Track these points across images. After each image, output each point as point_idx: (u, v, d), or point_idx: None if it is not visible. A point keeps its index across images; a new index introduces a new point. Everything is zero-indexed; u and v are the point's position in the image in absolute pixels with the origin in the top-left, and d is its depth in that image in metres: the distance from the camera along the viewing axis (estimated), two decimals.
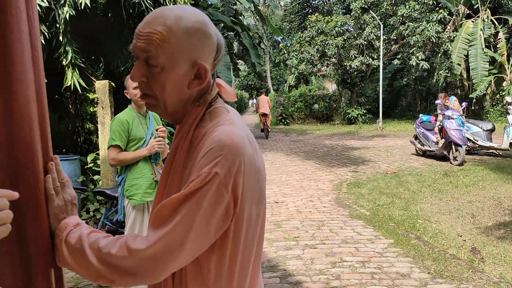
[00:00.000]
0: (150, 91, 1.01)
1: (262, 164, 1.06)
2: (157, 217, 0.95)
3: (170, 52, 0.96)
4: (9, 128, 0.92)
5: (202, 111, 1.06)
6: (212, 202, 0.92)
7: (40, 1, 4.80)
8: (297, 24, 29.44)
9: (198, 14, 1.01)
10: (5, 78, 0.91)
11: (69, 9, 5.02)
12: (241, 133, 0.99)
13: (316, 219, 5.71)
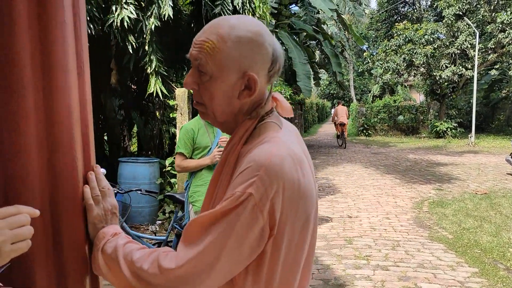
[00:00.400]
0: (200, 99, 1.01)
1: (311, 187, 0.97)
2: (188, 234, 0.92)
3: (219, 60, 0.95)
4: (50, 136, 0.93)
5: (253, 125, 1.01)
6: (245, 224, 0.88)
7: (129, 13, 5.13)
8: (383, 32, 28.47)
9: (253, 24, 0.98)
10: (48, 87, 0.93)
11: (154, 20, 5.30)
12: (283, 153, 0.92)
13: (391, 239, 5.37)
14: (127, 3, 5.16)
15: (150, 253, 0.94)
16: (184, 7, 6.77)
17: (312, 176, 1.01)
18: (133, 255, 0.94)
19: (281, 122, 1.05)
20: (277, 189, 0.88)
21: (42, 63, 0.92)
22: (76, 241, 0.99)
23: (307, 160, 1.02)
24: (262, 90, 1.01)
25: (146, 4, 5.41)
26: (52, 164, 0.93)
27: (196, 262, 0.88)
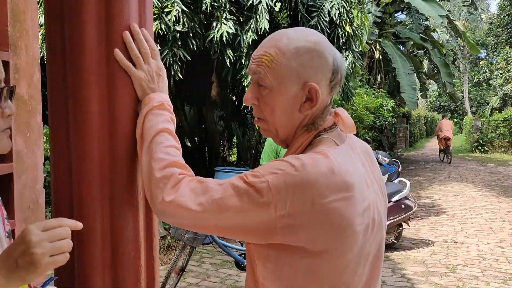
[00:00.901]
0: (261, 114, 0.98)
1: (350, 216, 0.87)
2: (207, 184, 0.90)
3: (278, 72, 0.92)
4: (111, 143, 0.97)
5: (309, 139, 0.97)
6: (252, 204, 0.85)
7: (228, 28, 5.34)
8: (504, 39, 25.74)
9: (311, 34, 0.96)
10: (111, 103, 0.97)
11: (252, 34, 5.44)
12: (324, 168, 0.86)
13: (504, 271, 4.74)
14: (227, 18, 5.38)
15: (167, 166, 0.92)
16: (283, 19, 6.87)
17: (367, 209, 0.92)
18: (158, 152, 0.93)
19: (342, 140, 0.98)
20: (286, 200, 0.84)
21: (107, 85, 0.97)
22: (131, 242, 1.00)
23: (366, 183, 0.94)
24: (324, 103, 0.96)
25: (245, 19, 5.59)
26: (113, 171, 0.97)
27: (200, 207, 0.87)
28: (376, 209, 0.96)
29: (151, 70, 1.01)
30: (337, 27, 5.71)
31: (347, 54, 5.89)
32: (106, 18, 0.94)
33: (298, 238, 0.86)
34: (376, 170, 1.03)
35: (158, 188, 0.90)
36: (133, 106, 0.99)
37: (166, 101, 1.02)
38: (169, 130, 0.98)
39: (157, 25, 5.08)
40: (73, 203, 0.95)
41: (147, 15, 1.03)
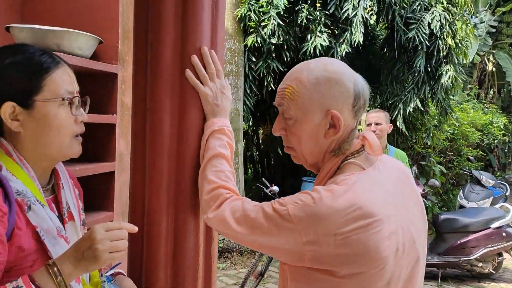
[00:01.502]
0: (290, 143, 1.04)
1: (372, 243, 0.88)
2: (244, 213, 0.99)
3: (301, 103, 0.98)
4: (179, 147, 1.12)
5: (336, 164, 1.01)
6: (276, 224, 0.92)
7: (322, 41, 5.41)
8: None
9: (330, 63, 1.01)
10: (181, 117, 1.13)
11: (346, 47, 5.44)
12: (341, 201, 0.89)
13: None
14: (321, 31, 5.45)
15: (216, 188, 1.05)
16: (380, 31, 6.73)
17: (396, 233, 0.92)
18: (209, 174, 1.07)
19: (370, 163, 1.01)
20: (307, 228, 0.89)
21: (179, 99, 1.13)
22: (191, 243, 1.13)
23: (396, 208, 0.95)
24: (349, 127, 1.00)
25: (339, 31, 5.60)
26: (178, 177, 1.12)
27: (240, 232, 0.97)
28: (408, 231, 0.96)
29: (216, 88, 1.14)
30: (438, 39, 5.43)
31: (447, 68, 5.57)
32: (181, 43, 1.09)
33: (325, 263, 0.90)
34: (412, 191, 1.03)
35: (207, 206, 1.04)
36: (199, 119, 1.13)
37: (226, 126, 1.14)
38: (224, 155, 1.10)
39: (253, 38, 5.35)
40: (145, 209, 1.11)
41: (218, 38, 1.16)
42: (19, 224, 0.87)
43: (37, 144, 0.93)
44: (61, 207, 1.01)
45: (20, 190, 0.89)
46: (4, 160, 0.91)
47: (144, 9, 1.10)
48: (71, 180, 1.10)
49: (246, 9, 5.32)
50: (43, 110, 0.92)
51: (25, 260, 0.86)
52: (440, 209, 7.74)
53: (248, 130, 9.37)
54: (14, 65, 0.92)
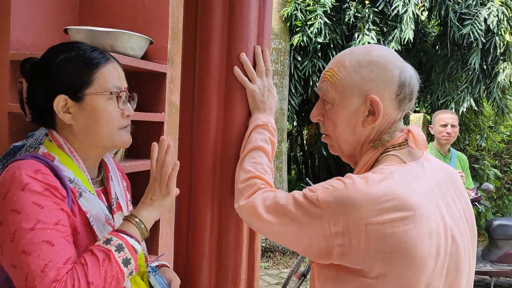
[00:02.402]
0: (326, 130, 1.00)
1: (410, 238, 0.80)
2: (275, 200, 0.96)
3: (340, 86, 0.94)
4: (224, 138, 1.15)
5: (375, 155, 0.94)
6: (304, 210, 0.87)
7: (370, 39, 5.30)
8: None
9: (376, 49, 0.96)
10: (227, 112, 1.15)
11: (395, 44, 5.29)
12: (376, 188, 0.82)
13: None
14: (370, 29, 5.34)
15: (251, 177, 1.04)
16: (432, 28, 6.49)
17: (436, 233, 0.84)
18: (246, 164, 1.07)
19: (413, 158, 0.93)
20: (337, 215, 0.83)
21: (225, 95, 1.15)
22: (233, 237, 1.15)
23: (437, 205, 0.87)
24: (391, 118, 0.94)
25: (388, 29, 5.46)
26: (222, 172, 1.15)
27: (269, 221, 0.94)
28: (451, 235, 0.87)
29: (263, 85, 1.15)
30: (495, 35, 5.16)
31: (505, 66, 5.28)
32: (228, 42, 1.11)
33: (355, 260, 0.82)
34: (460, 195, 0.95)
35: (240, 194, 1.03)
36: (244, 115, 1.14)
37: (270, 123, 1.14)
38: (264, 149, 1.09)
39: (299, 37, 5.33)
40: (190, 203, 1.14)
41: (265, 37, 1.18)
42: (74, 208, 0.93)
43: (87, 135, 0.99)
44: (110, 198, 1.06)
45: (72, 178, 0.95)
46: (56, 152, 0.97)
47: (193, 10, 1.13)
48: (119, 173, 1.15)
49: (292, 8, 5.31)
50: (92, 103, 0.97)
51: (79, 243, 0.92)
52: (494, 215, 7.35)
53: (292, 130, 9.33)
54: (67, 61, 0.97)
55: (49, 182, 0.89)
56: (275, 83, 5.33)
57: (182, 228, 1.13)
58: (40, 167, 0.90)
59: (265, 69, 1.17)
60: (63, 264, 0.83)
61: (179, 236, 1.15)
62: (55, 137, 0.99)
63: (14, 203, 0.85)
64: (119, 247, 0.88)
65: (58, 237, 0.85)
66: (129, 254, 0.89)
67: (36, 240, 0.83)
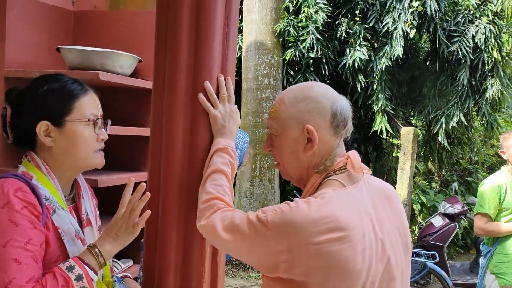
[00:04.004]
0: (276, 158, 1.15)
1: (346, 255, 0.92)
2: (235, 220, 1.05)
3: (280, 119, 1.09)
4: (189, 174, 1.23)
5: (319, 180, 1.07)
6: (255, 229, 0.99)
7: (361, 54, 5.43)
8: None
9: (312, 85, 1.11)
10: (192, 135, 1.23)
11: (386, 60, 5.41)
12: (316, 211, 0.94)
13: None
14: (361, 45, 5.47)
15: (213, 198, 1.12)
16: (424, 44, 6.63)
17: (368, 249, 0.96)
18: (208, 186, 1.14)
19: (353, 182, 1.05)
20: (282, 235, 0.94)
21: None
22: (197, 249, 1.21)
23: (371, 226, 0.99)
24: (329, 144, 1.07)
25: (379, 45, 5.60)
26: (187, 176, 1.23)
27: (225, 238, 1.03)
28: (383, 250, 0.99)
29: (225, 111, 1.24)
30: (483, 52, 5.29)
31: (493, 82, 5.40)
32: (193, 71, 1.21)
33: (298, 274, 0.93)
34: (396, 213, 1.09)
35: (202, 214, 1.11)
36: (208, 138, 1.23)
37: (231, 146, 1.22)
38: (225, 171, 1.17)
39: (292, 52, 5.46)
40: (158, 214, 1.22)
41: (229, 65, 1.28)
42: (48, 223, 1.04)
43: (66, 156, 1.12)
44: (81, 214, 1.18)
45: (48, 196, 1.06)
46: (34, 171, 1.09)
47: (163, 40, 1.24)
48: (90, 192, 1.27)
49: (285, 24, 5.45)
50: (72, 128, 1.11)
51: (51, 255, 1.03)
52: None
53: None
54: (50, 91, 1.11)
55: (28, 200, 1.00)
56: (267, 96, 5.45)
57: (151, 242, 1.22)
58: (21, 186, 1.01)
59: (228, 96, 1.26)
60: (25, 282, 0.93)
61: (148, 248, 1.24)
62: (33, 158, 1.11)
63: None
64: (79, 277, 0.99)
65: (26, 256, 0.95)
66: (86, 283, 1.00)
67: (6, 256, 0.93)
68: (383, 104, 5.59)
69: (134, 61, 2.04)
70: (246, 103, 5.56)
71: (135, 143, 2.10)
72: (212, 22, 1.21)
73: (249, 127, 5.45)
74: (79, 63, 1.90)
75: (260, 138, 5.43)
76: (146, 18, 2.14)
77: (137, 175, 1.96)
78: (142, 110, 2.14)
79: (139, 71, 2.17)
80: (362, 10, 5.62)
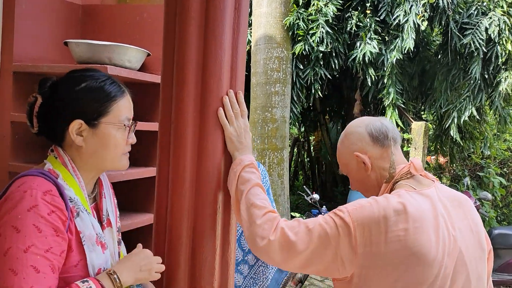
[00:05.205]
0: (354, 188, 1.35)
1: (421, 242, 1.07)
2: (303, 225, 1.14)
3: (342, 161, 1.33)
4: (199, 148, 1.22)
5: (388, 187, 1.22)
6: (336, 225, 1.10)
7: (372, 48, 5.34)
8: None
9: (350, 125, 1.32)
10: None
11: (396, 54, 5.33)
12: (394, 203, 1.09)
13: None
14: (371, 38, 5.39)
15: (266, 213, 1.15)
16: (436, 37, 6.52)
17: (441, 242, 1.09)
18: (255, 201, 1.17)
19: (422, 186, 1.20)
20: (363, 228, 1.08)
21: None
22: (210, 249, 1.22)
23: (443, 222, 1.12)
24: (382, 156, 1.24)
25: (390, 38, 5.51)
26: (199, 168, 1.22)
27: (301, 244, 1.10)
28: (452, 246, 1.11)
29: (240, 127, 1.24)
30: (496, 45, 5.17)
31: (506, 75, 5.28)
32: (203, 64, 1.19)
33: (375, 266, 1.06)
34: (467, 215, 1.20)
35: (262, 230, 1.12)
36: (217, 132, 1.21)
37: (254, 161, 1.25)
38: (261, 185, 1.22)
39: (301, 46, 5.40)
40: (167, 210, 1.21)
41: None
42: (71, 226, 1.02)
43: (94, 157, 1.10)
44: (101, 214, 1.16)
45: (73, 197, 1.04)
46: (60, 169, 1.06)
47: (171, 34, 1.21)
48: (112, 190, 1.24)
49: (294, 18, 5.38)
50: (105, 131, 1.09)
51: (72, 259, 1.01)
52: (500, 223, 7.31)
53: (299, 136, 9.38)
54: (88, 90, 1.08)
55: (56, 204, 0.98)
56: (277, 91, 5.40)
57: (160, 239, 1.21)
58: (50, 188, 0.99)
59: (240, 111, 1.26)
60: None
61: (158, 246, 1.23)
62: (60, 154, 1.09)
63: (17, 221, 0.93)
64: None
65: (45, 265, 0.93)
66: None
67: (26, 262, 0.91)
68: (393, 98, 5.51)
69: (142, 55, 2.02)
70: (255, 97, 5.52)
71: (143, 138, 2.09)
72: (222, 14, 1.19)
73: (258, 121, 5.42)
74: (88, 57, 1.89)
75: (270, 132, 5.39)
76: (154, 12, 2.12)
77: (146, 170, 1.96)
78: (150, 104, 2.13)
79: (147, 65, 2.16)
80: (373, 3, 5.52)
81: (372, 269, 1.06)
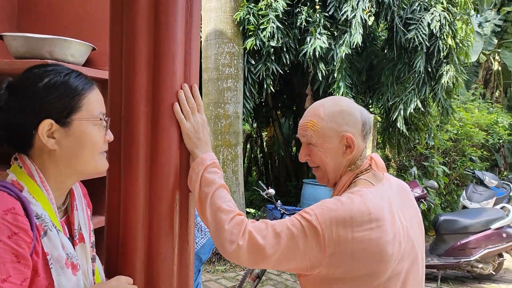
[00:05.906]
0: (315, 164, 1.28)
1: (384, 245, 1.12)
2: (273, 231, 1.13)
3: (321, 133, 1.24)
4: (152, 143, 1.16)
5: (350, 179, 1.24)
6: (303, 228, 1.12)
7: (322, 43, 5.43)
8: None
9: (340, 100, 1.28)
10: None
11: (345, 48, 5.45)
12: (358, 205, 1.12)
13: None
14: (321, 33, 5.47)
15: (233, 217, 1.13)
16: (382, 32, 6.74)
17: (397, 235, 1.16)
18: (221, 204, 1.14)
19: (378, 180, 1.25)
20: (331, 229, 1.09)
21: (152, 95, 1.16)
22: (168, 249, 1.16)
23: (397, 216, 1.19)
24: (360, 148, 1.25)
25: (339, 33, 5.62)
26: (152, 166, 1.15)
27: (269, 248, 1.11)
28: (407, 235, 1.19)
29: (198, 122, 1.18)
30: (438, 39, 5.43)
31: (448, 68, 5.56)
32: (154, 56, 1.12)
33: (342, 264, 1.10)
34: (411, 203, 1.30)
35: (231, 234, 1.10)
36: (171, 127, 1.15)
37: (215, 160, 1.20)
38: (226, 186, 1.19)
39: (253, 41, 5.38)
40: (120, 212, 1.14)
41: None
42: (37, 247, 0.90)
43: (71, 160, 0.97)
44: (73, 228, 1.03)
45: (40, 213, 0.92)
46: (25, 181, 0.93)
47: (118, 26, 1.14)
48: (85, 200, 1.12)
49: (245, 13, 5.35)
50: (80, 128, 0.96)
51: (39, 283, 0.89)
52: (444, 210, 7.71)
53: (252, 132, 9.40)
54: (53, 85, 0.95)
55: (19, 224, 0.86)
56: (229, 86, 5.36)
57: (113, 242, 1.14)
58: (13, 205, 0.87)
59: (197, 105, 1.19)
60: None
61: (110, 251, 1.15)
62: (25, 163, 0.96)
63: None
64: None
65: None
66: None
67: None
68: (343, 92, 5.63)
69: (86, 49, 1.90)
70: (207, 93, 5.44)
71: None
72: (174, 2, 1.13)
73: (211, 118, 5.35)
74: (26, 51, 1.74)
75: (223, 129, 5.35)
76: (98, 3, 2.01)
77: None
78: None
79: (92, 60, 2.04)
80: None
81: (339, 267, 1.11)
